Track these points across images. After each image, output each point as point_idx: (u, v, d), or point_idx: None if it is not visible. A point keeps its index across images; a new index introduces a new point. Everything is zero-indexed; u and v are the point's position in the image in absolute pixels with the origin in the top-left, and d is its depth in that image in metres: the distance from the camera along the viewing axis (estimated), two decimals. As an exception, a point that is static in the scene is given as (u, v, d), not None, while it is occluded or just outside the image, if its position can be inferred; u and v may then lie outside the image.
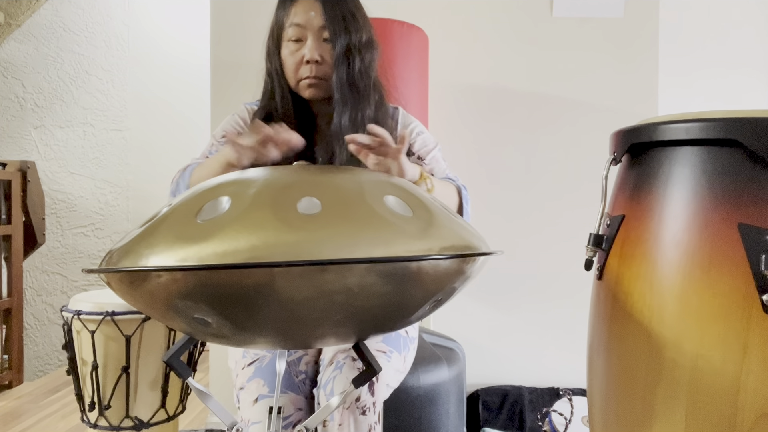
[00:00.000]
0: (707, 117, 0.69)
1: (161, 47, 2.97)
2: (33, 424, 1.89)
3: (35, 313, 2.95)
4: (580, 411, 1.66)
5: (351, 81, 1.10)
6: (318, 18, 1.08)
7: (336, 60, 1.09)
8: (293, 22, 1.09)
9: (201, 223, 0.57)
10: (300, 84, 1.12)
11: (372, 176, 0.68)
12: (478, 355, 1.89)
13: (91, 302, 1.33)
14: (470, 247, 0.61)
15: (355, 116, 1.10)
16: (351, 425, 0.90)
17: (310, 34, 1.09)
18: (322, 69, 1.09)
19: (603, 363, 0.81)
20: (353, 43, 1.09)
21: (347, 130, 1.09)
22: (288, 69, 1.12)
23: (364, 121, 1.11)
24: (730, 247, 0.66)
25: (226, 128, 1.20)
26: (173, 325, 0.63)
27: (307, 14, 1.08)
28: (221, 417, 0.74)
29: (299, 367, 1.01)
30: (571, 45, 1.86)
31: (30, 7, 2.86)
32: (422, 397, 1.22)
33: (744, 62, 2.36)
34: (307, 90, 1.11)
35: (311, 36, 1.09)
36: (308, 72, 1.09)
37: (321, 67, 1.09)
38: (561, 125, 1.86)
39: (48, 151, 2.94)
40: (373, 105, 1.13)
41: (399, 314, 0.61)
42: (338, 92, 1.09)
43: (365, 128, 1.10)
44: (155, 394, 1.36)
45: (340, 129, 1.09)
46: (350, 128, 1.09)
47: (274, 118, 1.14)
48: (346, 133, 1.08)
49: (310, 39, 1.08)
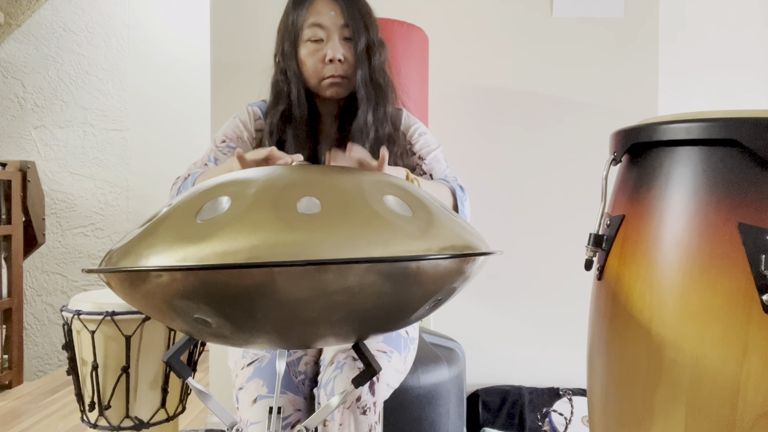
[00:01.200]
0: (707, 117, 0.69)
1: (161, 47, 2.97)
2: (33, 424, 1.89)
3: (35, 313, 2.95)
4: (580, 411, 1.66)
5: (373, 78, 1.13)
6: (339, 17, 1.10)
7: (358, 58, 1.11)
8: (313, 22, 1.10)
9: (201, 223, 0.57)
10: (323, 83, 1.12)
11: (372, 176, 0.68)
12: (478, 355, 1.89)
13: (91, 302, 1.33)
14: (470, 247, 0.61)
15: (377, 112, 1.13)
16: (351, 425, 0.90)
17: (332, 34, 1.10)
18: (344, 68, 1.11)
19: (603, 363, 0.81)
20: (372, 40, 1.12)
21: (371, 127, 1.12)
22: (308, 69, 1.12)
23: (386, 117, 1.14)
24: (730, 247, 0.66)
25: (227, 132, 1.20)
26: (173, 325, 0.63)
27: (328, 14, 1.09)
28: (221, 417, 0.74)
29: (298, 367, 1.01)
30: (571, 45, 1.85)
31: (30, 7, 2.86)
32: (422, 397, 1.22)
33: (744, 62, 2.36)
34: (330, 89, 1.13)
35: (333, 35, 1.10)
36: (332, 71, 1.10)
37: (343, 65, 1.11)
38: (561, 125, 1.86)
39: (48, 151, 2.94)
40: (390, 101, 1.17)
41: (399, 314, 0.61)
42: (363, 89, 1.12)
43: (386, 124, 1.14)
44: (155, 394, 1.36)
45: (365, 126, 1.12)
46: (373, 124, 1.12)
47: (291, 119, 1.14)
48: (370, 130, 1.12)
49: (333, 38, 1.10)
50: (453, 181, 1.18)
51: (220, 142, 1.19)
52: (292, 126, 1.14)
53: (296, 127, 1.14)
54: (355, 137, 1.12)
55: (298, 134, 1.14)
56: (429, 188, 1.07)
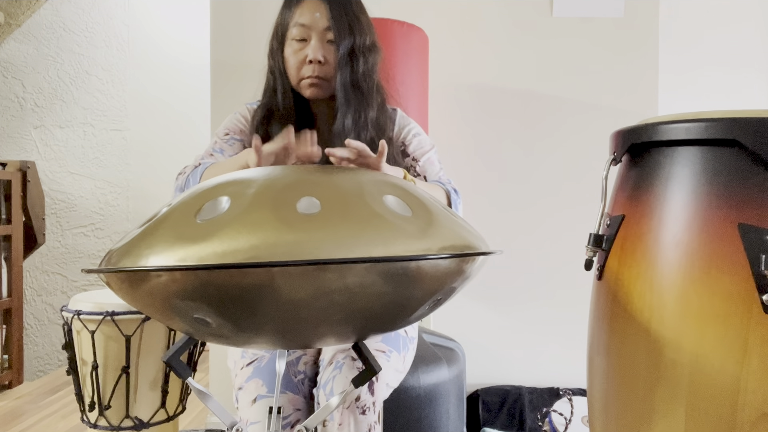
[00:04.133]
0: (707, 117, 0.69)
1: (161, 47, 2.97)
2: (33, 424, 1.89)
3: (35, 313, 2.95)
4: (580, 411, 1.66)
5: (354, 83, 1.11)
6: (323, 19, 1.09)
7: (339, 61, 1.10)
8: (298, 21, 1.10)
9: (201, 223, 0.57)
10: (301, 83, 1.12)
11: (372, 176, 0.68)
12: (478, 355, 1.89)
13: (91, 302, 1.33)
14: (470, 247, 0.61)
15: (357, 118, 1.11)
16: (351, 425, 0.90)
17: (315, 35, 1.10)
18: (324, 69, 1.10)
19: (603, 363, 0.81)
20: (357, 45, 1.11)
21: (350, 131, 1.10)
22: (290, 68, 1.13)
23: (367, 123, 1.12)
24: (730, 247, 0.66)
25: (229, 126, 1.20)
26: (173, 325, 0.63)
27: (313, 15, 1.09)
28: (221, 417, 0.74)
29: (297, 367, 1.01)
30: (571, 45, 1.85)
31: (30, 7, 2.86)
32: (422, 397, 1.22)
33: (744, 62, 2.36)
34: (308, 89, 1.12)
35: (315, 36, 1.10)
36: (310, 72, 1.10)
37: (323, 67, 1.10)
38: (561, 125, 1.86)
39: (48, 151, 2.94)
40: (375, 107, 1.14)
41: (399, 314, 0.61)
42: (341, 93, 1.11)
43: (367, 130, 1.11)
44: (155, 394, 1.36)
45: (343, 130, 1.10)
46: (353, 129, 1.10)
47: (275, 116, 1.14)
48: (349, 135, 1.09)
49: (315, 39, 1.09)
50: (447, 184, 1.18)
51: (223, 135, 1.19)
52: (278, 122, 1.13)
53: (281, 123, 1.13)
54: (334, 141, 1.11)
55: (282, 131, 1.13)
56: (425, 189, 1.07)
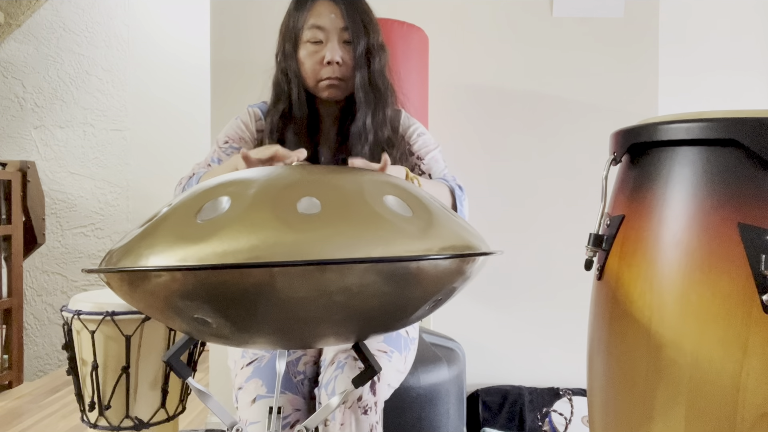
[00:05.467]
0: (707, 117, 0.69)
1: (161, 47, 2.97)
2: (33, 424, 1.89)
3: (35, 313, 2.95)
4: (580, 411, 1.66)
5: (372, 82, 1.13)
6: (339, 20, 1.10)
7: (357, 61, 1.11)
8: (313, 24, 1.10)
9: (201, 223, 0.57)
10: (319, 85, 1.13)
11: (372, 176, 0.68)
12: (478, 355, 1.89)
13: (91, 302, 1.33)
14: (470, 247, 0.61)
15: (376, 116, 1.13)
16: (353, 425, 0.90)
17: (332, 36, 1.10)
18: (342, 70, 1.11)
19: (603, 363, 0.81)
20: (372, 44, 1.12)
21: (370, 130, 1.12)
22: (306, 70, 1.12)
23: (385, 121, 1.15)
24: (730, 247, 0.66)
25: (229, 133, 1.20)
26: (173, 325, 0.62)
27: (328, 16, 1.10)
28: (221, 417, 0.74)
29: (297, 367, 1.01)
30: (571, 45, 1.85)
31: (30, 7, 2.86)
32: (422, 397, 1.22)
33: (744, 62, 2.36)
34: (326, 91, 1.13)
35: (332, 37, 1.10)
36: (330, 73, 1.11)
37: (341, 68, 1.11)
38: (561, 125, 1.86)
39: (48, 151, 2.94)
40: (390, 105, 1.17)
41: (399, 314, 0.61)
42: (361, 93, 1.12)
43: (385, 128, 1.13)
44: (155, 394, 1.36)
45: (364, 128, 1.12)
46: (372, 128, 1.12)
47: (291, 120, 1.15)
48: (369, 133, 1.12)
49: (332, 40, 1.10)
50: (452, 181, 1.18)
51: (222, 143, 1.19)
52: (292, 126, 1.14)
53: (296, 126, 1.14)
54: (353, 140, 1.12)
55: (298, 134, 1.14)
56: (428, 187, 1.07)
